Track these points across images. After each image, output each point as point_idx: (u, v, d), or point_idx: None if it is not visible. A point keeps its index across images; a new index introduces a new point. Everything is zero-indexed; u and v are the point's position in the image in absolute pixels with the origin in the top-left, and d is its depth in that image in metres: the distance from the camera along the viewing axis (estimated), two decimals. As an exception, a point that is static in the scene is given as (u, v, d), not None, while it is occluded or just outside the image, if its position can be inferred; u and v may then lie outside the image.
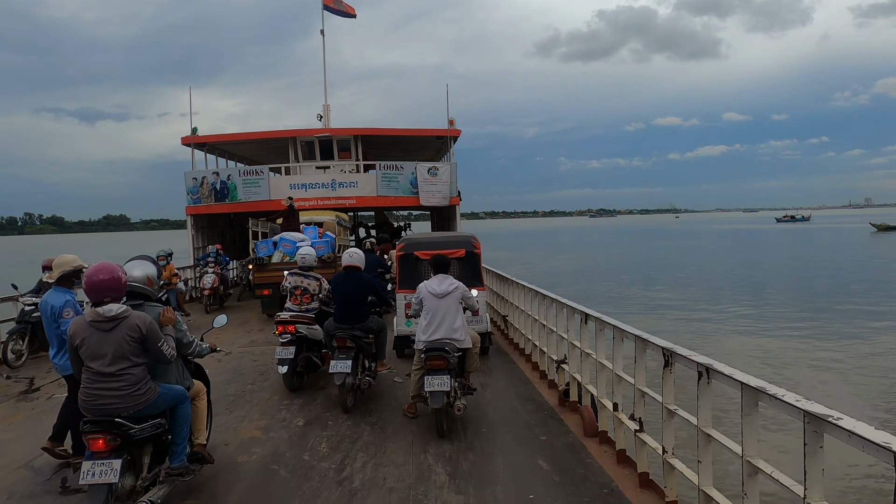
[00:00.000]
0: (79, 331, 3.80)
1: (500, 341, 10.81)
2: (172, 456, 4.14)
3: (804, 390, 11.97)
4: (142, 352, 3.85)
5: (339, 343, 6.46)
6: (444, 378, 5.54)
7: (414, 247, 9.20)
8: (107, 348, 3.74)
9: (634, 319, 19.95)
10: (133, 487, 3.83)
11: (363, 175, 19.45)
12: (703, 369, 3.62)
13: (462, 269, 8.81)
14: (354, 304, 6.72)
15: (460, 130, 20.02)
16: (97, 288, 3.76)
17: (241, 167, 19.62)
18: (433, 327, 5.85)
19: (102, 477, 3.55)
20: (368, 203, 19.27)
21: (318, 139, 19.89)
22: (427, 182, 19.06)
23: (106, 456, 3.64)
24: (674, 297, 26.13)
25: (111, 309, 3.76)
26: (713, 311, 22.56)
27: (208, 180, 19.05)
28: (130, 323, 3.79)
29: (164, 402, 4.01)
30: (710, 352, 15.24)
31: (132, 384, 3.78)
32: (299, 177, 19.38)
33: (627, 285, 31.08)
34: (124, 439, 3.74)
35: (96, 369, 3.75)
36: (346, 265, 6.94)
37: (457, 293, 5.97)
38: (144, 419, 3.88)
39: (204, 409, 4.65)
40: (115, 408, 3.74)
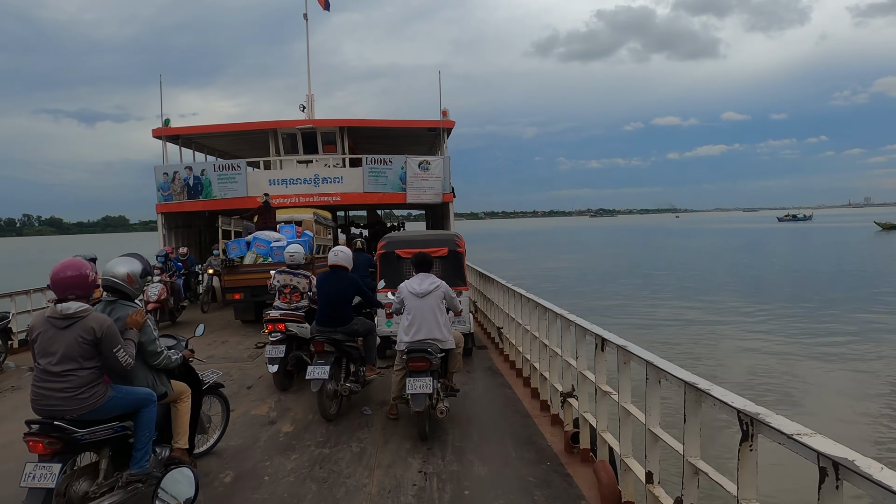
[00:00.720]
0: (36, 325, 3.74)
1: (494, 357, 9.51)
2: (133, 461, 3.92)
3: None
4: (95, 355, 3.68)
5: (317, 348, 6.18)
6: (427, 380, 5.35)
7: (395, 245, 9.00)
8: (57, 346, 3.62)
9: (651, 330, 18.53)
10: (86, 493, 3.69)
11: (349, 170, 17.99)
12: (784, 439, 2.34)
13: (445, 268, 8.61)
14: (338, 305, 6.44)
15: (454, 122, 18.55)
16: (63, 284, 3.68)
17: (217, 161, 18.18)
18: (415, 327, 5.67)
19: (40, 481, 3.46)
20: (354, 200, 17.80)
21: (301, 131, 18.41)
22: (417, 177, 17.58)
23: (47, 459, 3.55)
24: (688, 304, 24.68)
25: (69, 307, 3.65)
26: (737, 321, 21.11)
27: (180, 176, 17.58)
28: (86, 324, 3.63)
29: (117, 406, 3.80)
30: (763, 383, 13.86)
31: (77, 387, 3.61)
32: (279, 171, 17.92)
33: (638, 289, 29.64)
34: (67, 444, 3.59)
35: (43, 366, 3.63)
36: (332, 264, 6.65)
37: (438, 292, 5.79)
38: (98, 422, 3.71)
39: (186, 412, 4.39)
40: (58, 410, 3.60)
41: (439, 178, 17.67)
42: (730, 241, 70.56)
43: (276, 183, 17.61)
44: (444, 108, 18.20)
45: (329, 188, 17.64)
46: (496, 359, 9.27)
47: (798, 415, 8.91)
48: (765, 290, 27.55)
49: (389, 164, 17.67)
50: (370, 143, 20.19)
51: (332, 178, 17.67)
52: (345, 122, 18.52)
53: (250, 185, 17.32)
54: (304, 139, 18.64)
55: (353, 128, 18.71)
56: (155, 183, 17.62)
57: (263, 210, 14.36)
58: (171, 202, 17.63)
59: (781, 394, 11.86)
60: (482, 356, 9.54)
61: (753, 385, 12.36)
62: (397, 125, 18.67)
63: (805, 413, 10.49)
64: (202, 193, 17.58)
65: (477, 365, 8.90)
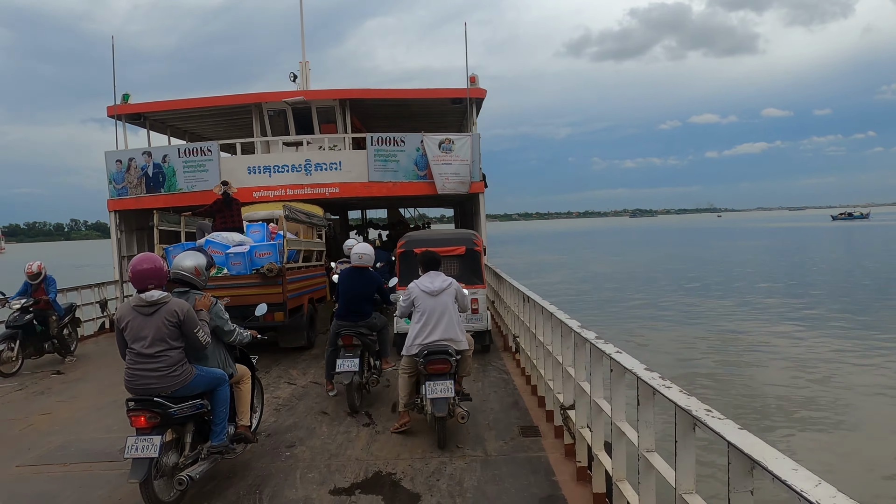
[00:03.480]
0: (124, 314, 4.06)
1: (515, 376, 7.96)
2: (212, 435, 4.32)
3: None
4: (179, 336, 4.04)
5: (346, 342, 6.36)
6: (448, 383, 5.19)
7: (414, 244, 8.93)
8: (147, 331, 3.97)
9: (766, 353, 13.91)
10: (176, 464, 4.09)
11: (349, 153, 14.01)
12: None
13: (463, 267, 8.78)
14: (359, 301, 6.56)
15: (485, 90, 14.42)
16: (141, 276, 4.02)
17: (182, 145, 14.43)
18: (429, 328, 5.43)
19: (144, 452, 3.81)
20: (356, 192, 13.80)
21: (292, 106, 14.54)
22: (437, 161, 13.49)
23: (147, 432, 3.88)
24: (796, 321, 19.92)
25: (152, 295, 3.99)
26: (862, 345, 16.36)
27: (136, 163, 13.88)
28: (169, 308, 4.01)
29: (200, 383, 4.18)
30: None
31: (169, 365, 3.98)
32: (261, 157, 14.06)
33: (702, 295, 24.92)
34: (164, 418, 3.94)
35: (137, 350, 3.98)
36: (356, 266, 6.75)
37: (451, 290, 5.58)
38: (184, 399, 4.07)
39: (248, 392, 4.80)
40: (154, 388, 3.96)
41: (466, 161, 13.54)
42: (794, 241, 64.42)
43: (256, 171, 13.77)
44: (473, 73, 14.11)
45: (324, 177, 13.70)
46: (517, 379, 7.84)
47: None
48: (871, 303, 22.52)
49: (401, 144, 13.63)
50: (381, 122, 16.19)
51: (328, 165, 13.72)
52: (346, 93, 14.54)
53: (224, 174, 13.49)
54: (296, 116, 14.77)
55: (357, 101, 14.73)
56: (106, 173, 13.96)
57: (222, 205, 10.46)
58: (125, 197, 13.95)
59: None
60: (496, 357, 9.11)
61: None
62: (414, 96, 14.58)
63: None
64: (164, 185, 13.84)
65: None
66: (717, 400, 10.41)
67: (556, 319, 5.20)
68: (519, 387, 7.28)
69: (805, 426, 9.61)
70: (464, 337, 5.59)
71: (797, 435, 9.21)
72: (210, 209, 10.55)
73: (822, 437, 9.19)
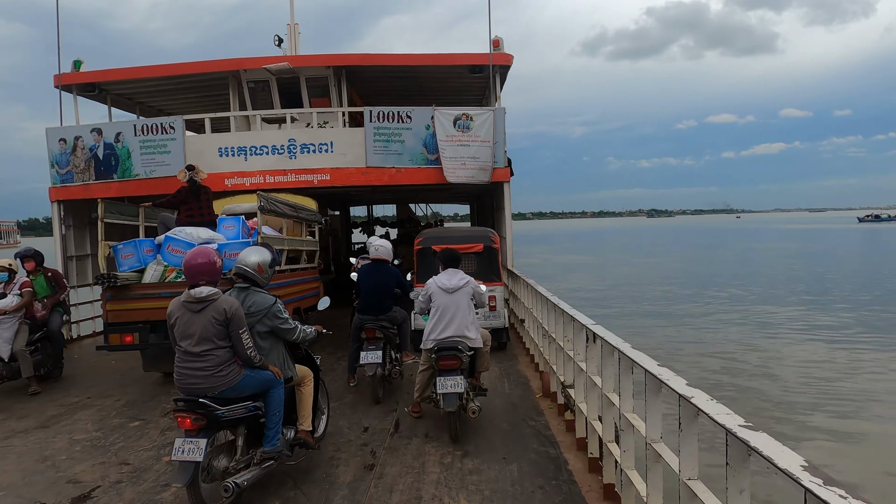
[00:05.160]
0: (174, 310, 3.90)
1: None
2: (265, 440, 4.10)
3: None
4: (226, 335, 3.86)
5: (369, 334, 6.41)
6: (458, 379, 5.21)
7: (432, 241, 8.85)
8: (194, 329, 3.82)
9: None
10: (227, 468, 3.87)
11: (343, 132, 11.41)
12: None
13: (480, 264, 8.76)
14: (381, 295, 6.58)
15: (511, 57, 11.75)
16: (194, 271, 3.88)
17: (139, 121, 11.90)
18: (443, 324, 5.49)
19: (189, 454, 3.64)
20: (352, 180, 11.18)
21: (276, 76, 11.97)
22: (451, 142, 10.85)
23: (193, 434, 3.71)
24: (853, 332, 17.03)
25: (201, 291, 3.84)
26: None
27: (84, 143, 11.37)
28: (217, 306, 3.84)
29: (249, 385, 3.97)
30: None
31: (215, 365, 3.82)
32: (236, 136, 11.47)
33: (770, 297, 22.03)
34: (211, 420, 3.77)
35: (185, 348, 3.84)
36: (374, 258, 6.84)
37: (468, 288, 5.63)
38: (234, 401, 3.88)
39: (309, 395, 4.53)
40: (200, 387, 3.80)
41: (487, 142, 10.89)
42: (826, 243, 60.90)
43: (229, 153, 11.20)
44: (496, 36, 11.44)
45: (312, 161, 11.11)
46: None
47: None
48: None
49: (407, 120, 10.99)
50: (384, 98, 13.56)
51: (317, 146, 11.13)
52: (342, 59, 11.93)
53: (191, 157, 10.97)
54: (282, 89, 12.20)
55: (355, 69, 12.12)
56: (48, 156, 11.47)
57: (188, 194, 8.15)
58: (71, 184, 11.45)
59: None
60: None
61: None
62: (425, 62, 11.86)
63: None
64: (116, 170, 11.33)
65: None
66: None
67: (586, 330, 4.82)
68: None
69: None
70: (478, 334, 5.60)
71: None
72: (174, 199, 8.21)
73: None
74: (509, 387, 7.05)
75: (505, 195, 11.33)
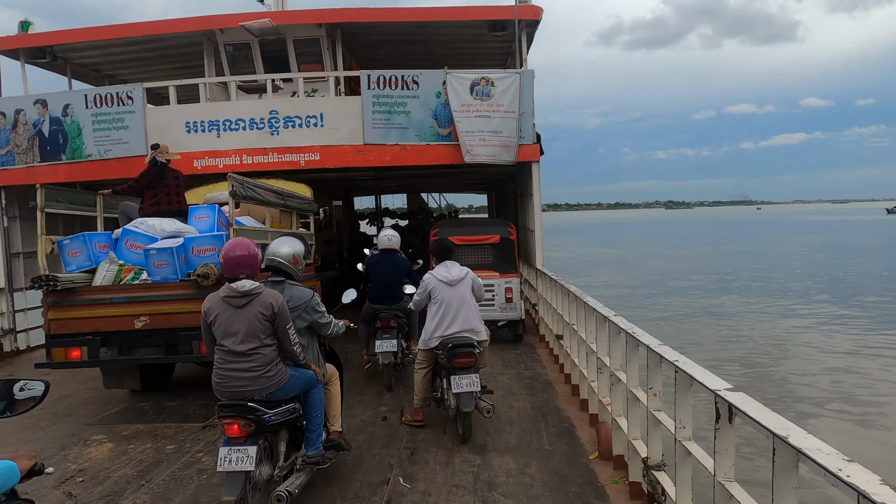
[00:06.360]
0: (212, 307, 3.63)
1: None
2: (308, 443, 3.92)
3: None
4: (272, 332, 3.62)
5: (383, 323, 6.46)
6: (474, 377, 4.92)
7: (448, 232, 8.63)
8: (238, 326, 3.55)
9: None
10: (271, 477, 3.66)
11: (335, 102, 9.43)
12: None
13: (497, 255, 8.66)
14: (391, 284, 6.57)
15: (541, 10, 9.67)
16: (233, 264, 3.63)
17: (90, 90, 9.98)
18: (448, 319, 5.16)
19: (239, 464, 3.38)
20: (346, 160, 9.18)
21: (259, 37, 10.01)
22: (467, 112, 8.83)
23: (241, 442, 3.43)
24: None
25: (244, 284, 3.58)
26: None
27: (27, 117, 9.51)
28: (263, 300, 3.58)
29: (295, 385, 3.76)
30: None
31: (262, 365, 3.56)
32: (206, 107, 9.49)
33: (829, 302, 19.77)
34: (259, 425, 3.49)
35: (228, 347, 3.56)
36: (384, 248, 6.83)
37: (468, 280, 5.35)
38: (277, 404, 3.62)
39: (338, 394, 4.40)
40: (247, 390, 3.52)
41: (512, 113, 8.85)
42: (860, 235, 57.92)
43: (198, 128, 9.28)
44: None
45: (297, 136, 9.16)
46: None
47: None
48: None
49: (413, 87, 8.99)
50: (387, 60, 11.49)
51: (304, 119, 9.15)
52: (336, 15, 9.88)
53: (153, 133, 9.07)
54: (266, 53, 10.26)
55: (352, 28, 10.10)
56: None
57: (152, 178, 6.77)
58: (12, 167, 9.60)
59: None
60: None
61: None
62: (436, 18, 9.73)
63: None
64: (65, 150, 9.45)
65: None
66: None
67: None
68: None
69: None
70: (483, 327, 5.36)
71: None
72: (136, 185, 6.78)
73: None
74: (549, 439, 5.04)
75: (533, 178, 9.28)
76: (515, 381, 6.75)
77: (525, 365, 7.52)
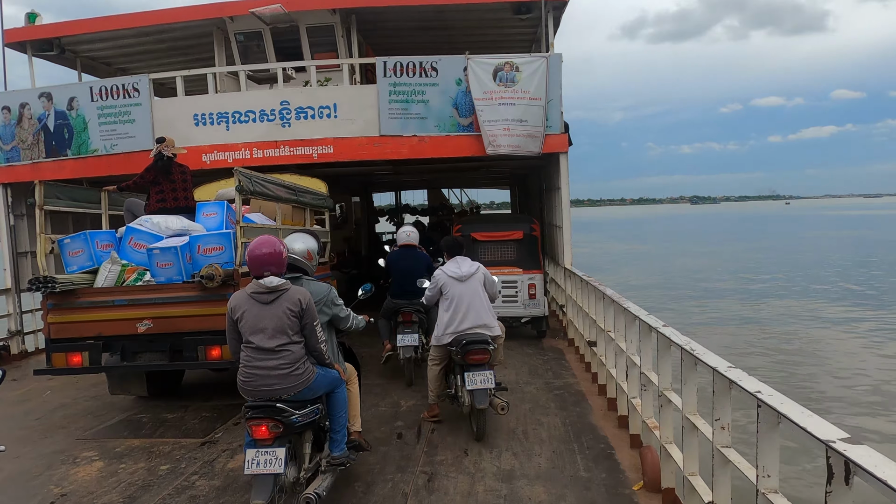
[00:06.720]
0: (239, 304, 3.57)
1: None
2: (332, 444, 3.86)
3: None
4: (299, 329, 3.56)
5: (405, 318, 6.52)
6: (488, 374, 4.86)
7: (471, 228, 8.74)
8: (267, 322, 3.49)
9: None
10: (297, 479, 3.56)
11: (350, 91, 8.91)
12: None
13: (520, 252, 8.56)
14: (413, 279, 6.39)
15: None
16: (259, 261, 3.56)
17: (95, 81, 9.60)
18: (460, 315, 5.12)
19: (267, 466, 3.28)
20: (361, 153, 8.66)
21: (270, 25, 9.54)
22: (490, 100, 8.24)
23: (269, 444, 3.34)
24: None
25: (272, 280, 3.52)
26: None
27: (32, 111, 9.17)
28: (291, 296, 3.53)
29: (321, 385, 3.71)
30: None
31: (291, 362, 3.50)
32: (214, 99, 9.05)
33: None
34: (287, 426, 3.41)
35: (256, 344, 3.49)
36: (403, 244, 6.85)
37: (479, 275, 5.29)
38: (303, 404, 3.54)
39: (357, 393, 4.34)
40: (275, 389, 3.46)
41: (538, 100, 8.24)
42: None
43: (206, 120, 8.84)
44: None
45: (310, 129, 8.66)
46: None
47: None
48: None
49: (432, 74, 8.43)
50: (405, 48, 10.95)
51: (317, 110, 8.65)
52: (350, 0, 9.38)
53: (160, 126, 8.67)
54: (279, 42, 9.78)
55: (368, 14, 9.57)
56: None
57: (158, 173, 6.40)
58: (17, 163, 9.28)
59: None
60: None
61: None
62: (457, 1, 9.13)
63: None
64: (71, 145, 9.10)
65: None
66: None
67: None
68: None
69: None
70: (496, 323, 5.29)
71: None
72: (140, 181, 6.41)
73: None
74: (584, 464, 4.45)
75: (561, 171, 8.65)
76: (544, 393, 6.16)
77: (554, 373, 6.93)
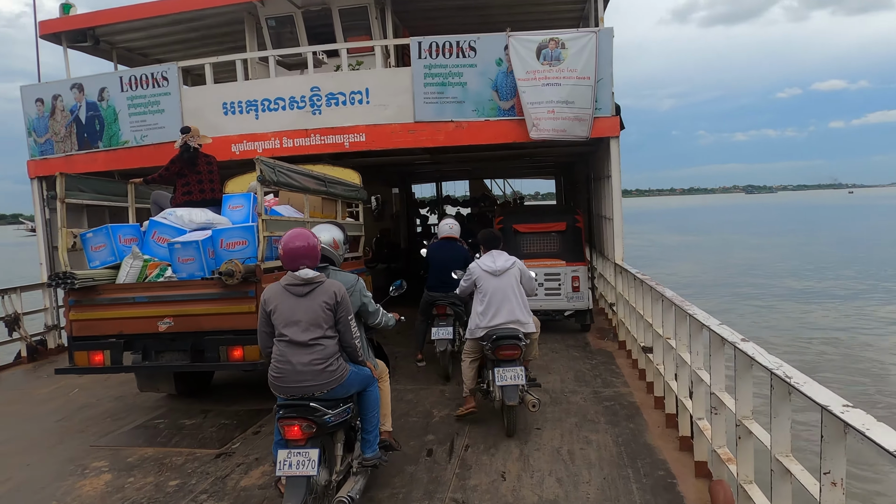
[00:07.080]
0: (273, 296, 3.48)
1: None
2: (365, 445, 3.76)
3: None
4: (333, 323, 3.45)
5: (440, 311, 6.42)
6: (518, 370, 4.80)
7: (513, 220, 8.68)
8: (301, 314, 3.40)
9: None
10: (328, 482, 3.46)
11: (382, 75, 8.41)
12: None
13: (563, 244, 8.43)
14: (450, 272, 6.16)
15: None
16: (294, 255, 3.48)
17: (125, 71, 9.37)
18: (493, 310, 5.06)
19: (300, 468, 3.18)
20: (395, 140, 8.15)
21: (302, 9, 9.13)
22: (533, 80, 7.58)
23: (302, 445, 3.25)
24: None
25: (307, 272, 3.46)
26: None
27: (64, 103, 9.03)
28: (327, 289, 3.46)
29: (354, 383, 3.59)
30: None
31: (325, 357, 3.38)
32: (242, 86, 8.70)
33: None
34: (320, 426, 3.30)
35: (290, 337, 3.38)
36: (444, 236, 6.79)
37: (514, 270, 5.18)
38: (336, 404, 3.44)
39: (388, 392, 4.21)
40: (308, 386, 3.35)
41: (587, 79, 7.53)
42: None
43: (235, 109, 8.50)
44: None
45: (341, 116, 8.20)
46: None
47: None
48: None
49: (470, 54, 7.82)
50: (442, 30, 10.38)
51: (349, 96, 8.18)
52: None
53: (189, 116, 8.39)
54: (311, 25, 9.36)
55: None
56: (25, 122, 9.23)
57: (183, 164, 6.11)
58: (51, 156, 9.18)
59: None
60: None
61: None
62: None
63: None
64: (102, 137, 8.92)
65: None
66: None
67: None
68: None
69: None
70: (530, 319, 5.16)
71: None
72: (166, 173, 6.14)
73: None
74: (642, 496, 3.82)
75: (612, 157, 7.92)
76: (592, 404, 5.52)
77: (603, 380, 6.27)
